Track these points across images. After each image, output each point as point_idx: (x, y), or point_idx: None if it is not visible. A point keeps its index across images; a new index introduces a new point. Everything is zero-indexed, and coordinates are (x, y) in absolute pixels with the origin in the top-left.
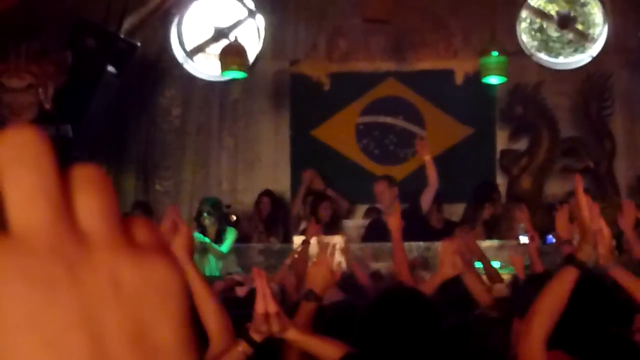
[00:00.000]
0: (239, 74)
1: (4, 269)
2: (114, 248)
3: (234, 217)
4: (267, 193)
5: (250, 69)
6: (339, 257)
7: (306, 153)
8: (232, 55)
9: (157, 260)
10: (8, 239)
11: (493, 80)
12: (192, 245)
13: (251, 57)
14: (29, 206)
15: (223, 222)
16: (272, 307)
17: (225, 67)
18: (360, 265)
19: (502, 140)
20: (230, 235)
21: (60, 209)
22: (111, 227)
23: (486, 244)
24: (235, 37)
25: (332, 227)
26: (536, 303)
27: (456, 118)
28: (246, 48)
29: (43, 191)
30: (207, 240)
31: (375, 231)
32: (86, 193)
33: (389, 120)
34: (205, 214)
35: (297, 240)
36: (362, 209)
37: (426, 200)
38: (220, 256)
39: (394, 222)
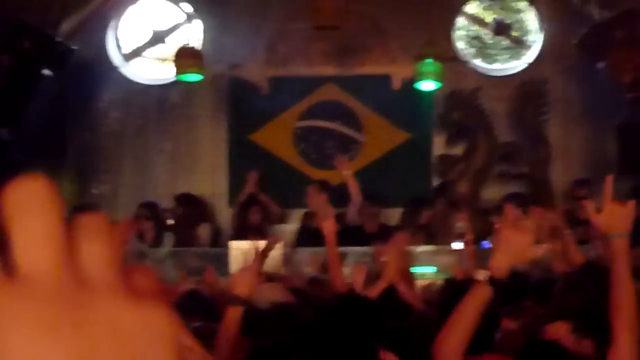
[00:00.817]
0: (195, 77)
1: (9, 312)
2: (114, 294)
3: (172, 221)
4: (178, 197)
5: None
6: (277, 263)
7: (244, 157)
8: (188, 57)
9: (154, 307)
10: (14, 284)
11: (428, 85)
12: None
13: None
14: (35, 252)
15: (161, 226)
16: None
17: (180, 70)
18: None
19: (439, 145)
20: (168, 240)
21: (65, 256)
22: (113, 274)
23: (422, 249)
24: (188, 39)
25: (261, 232)
26: (451, 318)
27: (394, 123)
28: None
29: (49, 238)
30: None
31: (305, 237)
32: (91, 241)
33: (327, 124)
34: (142, 219)
35: (233, 245)
36: (299, 213)
37: (350, 214)
38: (158, 260)
39: (327, 228)
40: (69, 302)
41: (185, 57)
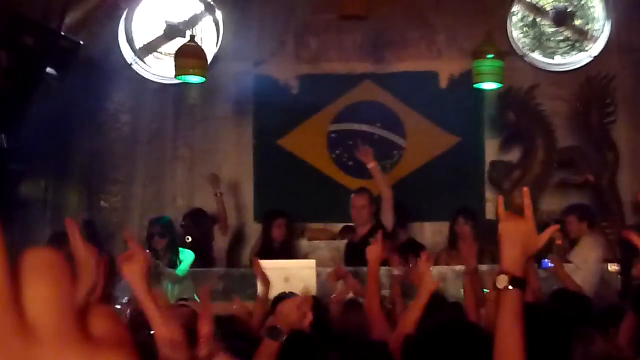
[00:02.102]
0: (196, 79)
1: None
2: (61, 342)
3: (189, 238)
4: (188, 215)
5: (208, 71)
6: (310, 282)
7: (272, 165)
8: (189, 57)
9: (110, 355)
10: None
11: (488, 86)
12: (147, 271)
13: (209, 57)
14: None
15: (177, 243)
16: (206, 328)
17: (180, 70)
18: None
19: (491, 151)
20: (187, 258)
21: (6, 300)
22: (61, 320)
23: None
24: (192, 35)
25: (286, 248)
26: (495, 340)
27: (440, 125)
28: (204, 49)
29: None
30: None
31: (352, 254)
32: (36, 282)
33: (364, 128)
34: (156, 236)
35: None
36: (334, 227)
37: (387, 217)
38: (176, 280)
39: (373, 253)
40: (8, 354)
41: (185, 57)
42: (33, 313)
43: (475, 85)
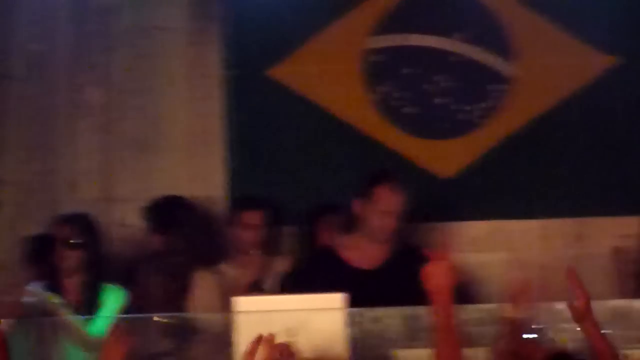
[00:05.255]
0: None
1: None
2: None
3: None
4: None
5: None
6: (336, 335)
7: (259, 115)
8: None
9: None
10: None
11: None
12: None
13: None
14: None
15: (93, 267)
16: None
17: None
18: None
19: None
20: (112, 297)
21: None
22: None
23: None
24: None
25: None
26: None
27: (580, 36)
28: None
29: None
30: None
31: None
32: None
33: (434, 43)
34: (66, 245)
35: (241, 303)
36: None
37: None
38: (86, 341)
39: (437, 276)
40: None
41: None
42: None
43: None
